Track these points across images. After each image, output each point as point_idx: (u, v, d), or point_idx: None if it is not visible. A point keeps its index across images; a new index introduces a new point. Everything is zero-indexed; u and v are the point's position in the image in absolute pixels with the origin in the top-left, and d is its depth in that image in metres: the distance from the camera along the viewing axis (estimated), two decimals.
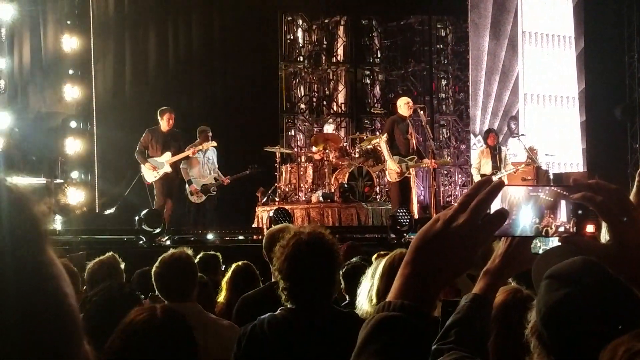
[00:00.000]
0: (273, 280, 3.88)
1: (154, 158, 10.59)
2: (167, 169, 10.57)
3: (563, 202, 1.25)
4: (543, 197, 1.25)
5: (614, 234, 1.25)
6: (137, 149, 10.70)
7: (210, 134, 11.12)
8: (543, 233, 1.26)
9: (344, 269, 4.41)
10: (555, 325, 1.56)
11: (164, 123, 10.60)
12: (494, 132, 12.14)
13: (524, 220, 1.24)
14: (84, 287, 4.45)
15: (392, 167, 10.60)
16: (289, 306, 2.77)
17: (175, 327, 2.22)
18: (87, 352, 0.89)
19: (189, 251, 3.90)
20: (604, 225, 1.31)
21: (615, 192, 1.26)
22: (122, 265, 4.67)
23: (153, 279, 3.77)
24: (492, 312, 2.02)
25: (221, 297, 4.72)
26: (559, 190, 1.25)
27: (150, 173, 10.54)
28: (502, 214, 1.20)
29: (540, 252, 1.95)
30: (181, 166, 11.00)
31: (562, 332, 1.54)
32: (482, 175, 11.47)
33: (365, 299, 3.53)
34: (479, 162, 11.75)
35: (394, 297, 1.21)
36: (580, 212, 1.27)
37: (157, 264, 3.78)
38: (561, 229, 1.25)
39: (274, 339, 2.71)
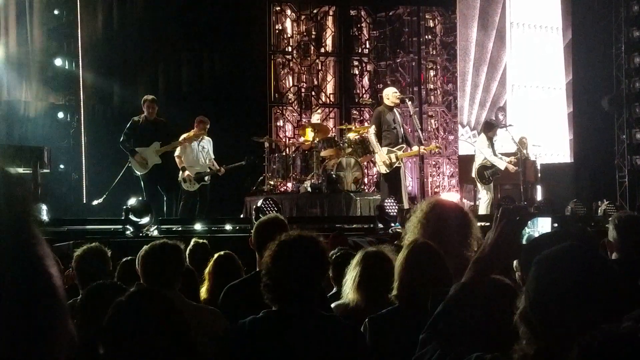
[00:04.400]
0: (258, 269, 3.87)
1: (142, 148, 10.48)
2: (157, 160, 10.46)
3: None
4: None
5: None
6: (122, 138, 10.54)
7: (208, 125, 11.03)
8: None
9: (332, 258, 4.41)
10: (544, 310, 1.56)
11: (147, 111, 10.52)
12: (496, 126, 12.04)
13: None
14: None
15: (380, 159, 10.59)
16: (273, 308, 2.77)
17: (157, 301, 2.27)
18: (71, 329, 0.91)
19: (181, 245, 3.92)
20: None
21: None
22: (109, 253, 4.67)
23: (138, 263, 3.78)
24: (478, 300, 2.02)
25: (204, 288, 4.71)
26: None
27: (140, 165, 10.41)
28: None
29: (529, 239, 1.95)
30: (175, 154, 10.89)
31: (551, 316, 1.54)
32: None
33: (350, 288, 3.58)
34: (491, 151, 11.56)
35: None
36: None
37: (145, 248, 3.79)
38: None
39: (255, 342, 2.70)
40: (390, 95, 10.75)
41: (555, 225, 1.91)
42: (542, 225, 1.94)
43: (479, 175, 11.48)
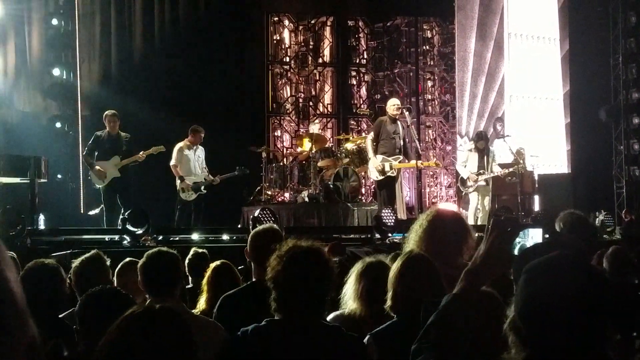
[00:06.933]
0: (254, 279, 3.86)
1: (103, 162, 10.57)
2: (116, 173, 10.54)
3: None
4: None
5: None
6: (85, 152, 10.84)
7: (202, 134, 11.16)
8: None
9: None
10: (532, 318, 1.56)
11: (108, 126, 10.62)
12: (486, 136, 12.10)
13: None
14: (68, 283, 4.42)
15: (373, 164, 10.65)
16: (276, 318, 2.75)
17: (171, 321, 2.20)
18: (31, 329, 0.95)
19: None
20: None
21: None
22: (108, 262, 4.63)
23: (139, 272, 3.76)
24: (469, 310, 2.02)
25: (203, 298, 4.68)
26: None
27: (98, 178, 10.54)
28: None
29: (520, 251, 1.96)
30: (171, 163, 11.00)
31: (539, 325, 1.55)
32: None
33: (351, 298, 3.57)
34: (467, 159, 11.80)
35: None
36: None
37: (143, 258, 3.77)
38: None
39: (259, 351, 2.68)
40: (389, 107, 10.86)
41: (547, 236, 1.92)
42: (533, 237, 1.96)
43: (461, 183, 11.80)
